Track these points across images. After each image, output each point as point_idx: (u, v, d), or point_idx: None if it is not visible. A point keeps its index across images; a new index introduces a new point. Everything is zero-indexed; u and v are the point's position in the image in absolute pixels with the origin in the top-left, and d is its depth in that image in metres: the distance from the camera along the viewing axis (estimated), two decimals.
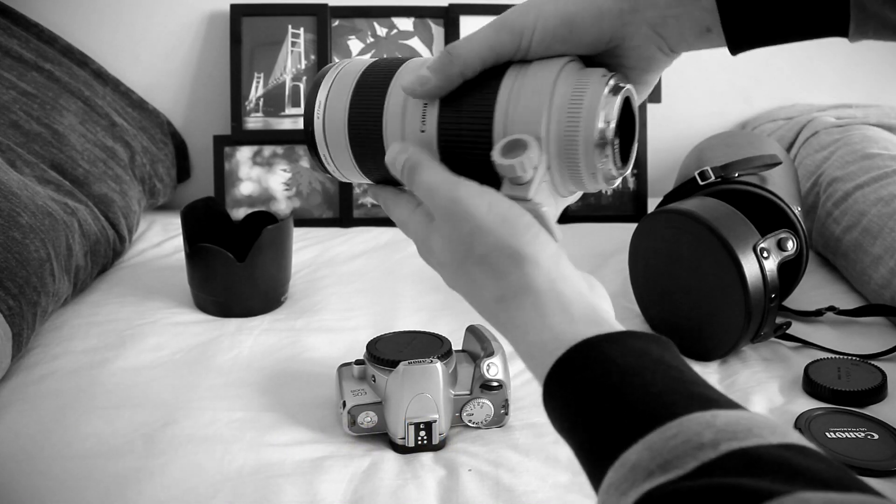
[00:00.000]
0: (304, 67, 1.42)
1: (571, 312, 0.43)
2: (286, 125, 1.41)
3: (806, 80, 1.54)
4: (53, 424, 0.76)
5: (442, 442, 0.74)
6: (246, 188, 1.41)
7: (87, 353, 0.91)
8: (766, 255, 0.85)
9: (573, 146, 0.46)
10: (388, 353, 0.75)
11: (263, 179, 1.41)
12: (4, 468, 0.70)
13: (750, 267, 0.84)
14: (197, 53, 1.46)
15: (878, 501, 0.29)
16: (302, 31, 1.42)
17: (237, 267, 0.99)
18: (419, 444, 0.73)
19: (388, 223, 1.33)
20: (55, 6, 1.40)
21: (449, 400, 0.74)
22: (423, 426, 0.72)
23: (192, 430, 0.76)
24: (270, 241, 1.01)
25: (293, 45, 1.42)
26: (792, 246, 0.86)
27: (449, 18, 1.43)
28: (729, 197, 0.94)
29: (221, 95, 1.46)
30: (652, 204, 1.40)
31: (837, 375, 0.84)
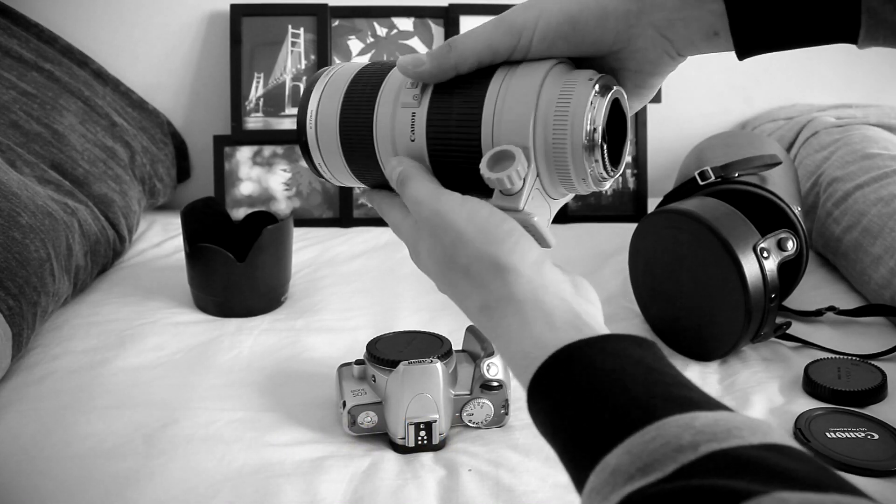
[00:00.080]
0: (304, 67, 1.42)
1: (553, 320, 0.43)
2: (286, 125, 1.41)
3: (806, 80, 1.54)
4: (53, 424, 0.76)
5: (442, 442, 0.74)
6: (246, 188, 1.41)
7: (87, 353, 0.91)
8: (766, 255, 0.85)
9: (562, 151, 0.45)
10: (388, 353, 0.75)
11: (263, 179, 1.41)
12: (4, 468, 0.70)
13: (750, 267, 0.84)
14: (197, 53, 1.46)
15: (855, 501, 0.29)
16: (302, 31, 1.42)
17: (237, 267, 0.99)
18: (419, 444, 0.73)
19: (387, 224, 1.33)
20: (55, 6, 1.40)
21: (449, 400, 0.74)
22: (423, 426, 0.72)
23: (192, 430, 0.76)
24: (270, 241, 1.01)
25: (293, 45, 1.42)
26: (792, 246, 0.86)
27: (449, 18, 1.43)
28: (729, 197, 0.94)
29: (221, 95, 1.46)
30: (652, 204, 1.40)
31: (837, 375, 0.84)
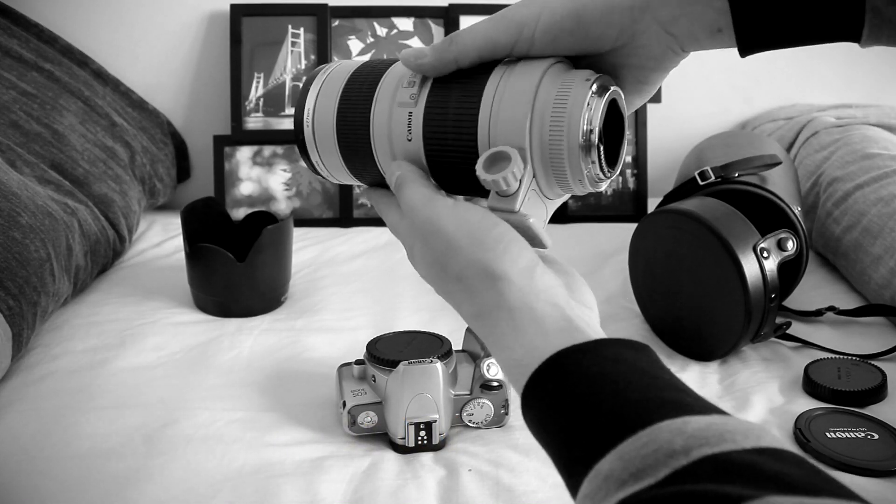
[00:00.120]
0: (304, 67, 1.42)
1: (544, 326, 0.42)
2: (286, 125, 1.41)
3: (806, 80, 1.54)
4: (53, 424, 0.76)
5: (442, 442, 0.74)
6: (246, 188, 1.41)
7: (87, 353, 0.91)
8: (766, 255, 0.84)
9: (558, 152, 0.45)
10: (388, 353, 0.75)
11: (263, 179, 1.41)
12: (4, 468, 0.70)
13: (750, 267, 0.84)
14: (197, 53, 1.46)
15: None
16: (302, 31, 1.42)
17: (237, 267, 0.99)
18: (419, 444, 0.73)
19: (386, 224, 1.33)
20: (55, 6, 1.40)
21: (449, 400, 0.74)
22: (423, 426, 0.72)
23: (192, 430, 0.76)
24: (270, 241, 1.01)
25: (293, 45, 1.42)
26: (792, 246, 0.86)
27: (449, 18, 1.43)
28: (729, 197, 0.94)
29: (221, 95, 1.46)
30: (652, 204, 1.40)
31: (837, 375, 0.84)
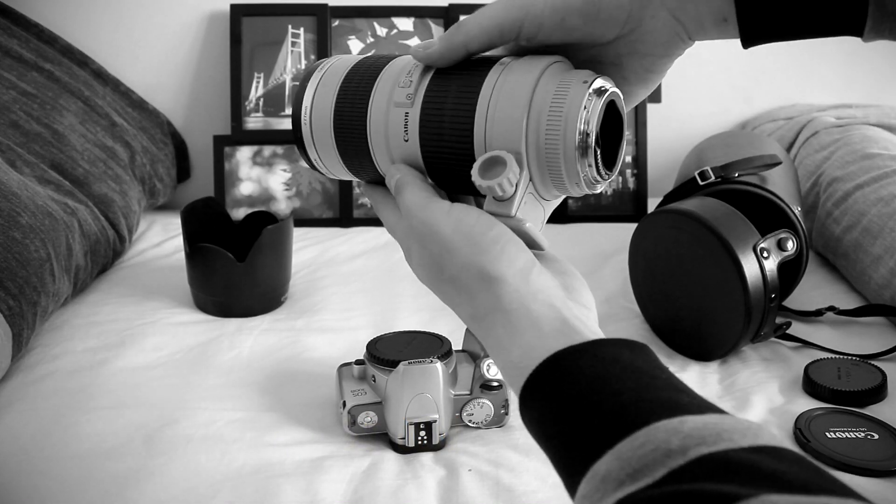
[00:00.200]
0: (304, 67, 1.42)
1: (541, 328, 0.42)
2: (286, 125, 1.41)
3: (806, 80, 1.54)
4: (53, 424, 0.76)
5: (442, 442, 0.74)
6: (246, 188, 1.41)
7: (87, 353, 0.91)
8: (766, 255, 0.84)
9: (554, 156, 0.45)
10: (388, 353, 0.75)
11: (263, 179, 1.41)
12: (4, 468, 0.70)
13: (750, 267, 0.84)
14: (197, 53, 1.46)
15: (845, 503, 0.29)
16: (302, 31, 1.42)
17: (237, 267, 0.99)
18: (419, 444, 0.73)
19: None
20: (55, 6, 1.40)
21: (449, 400, 0.74)
22: (423, 426, 0.72)
23: (192, 430, 0.76)
24: (270, 241, 1.01)
25: (293, 45, 1.42)
26: (792, 246, 0.86)
27: (449, 18, 1.43)
28: (729, 197, 0.94)
29: (221, 95, 1.46)
30: (652, 204, 1.40)
31: (837, 375, 0.84)
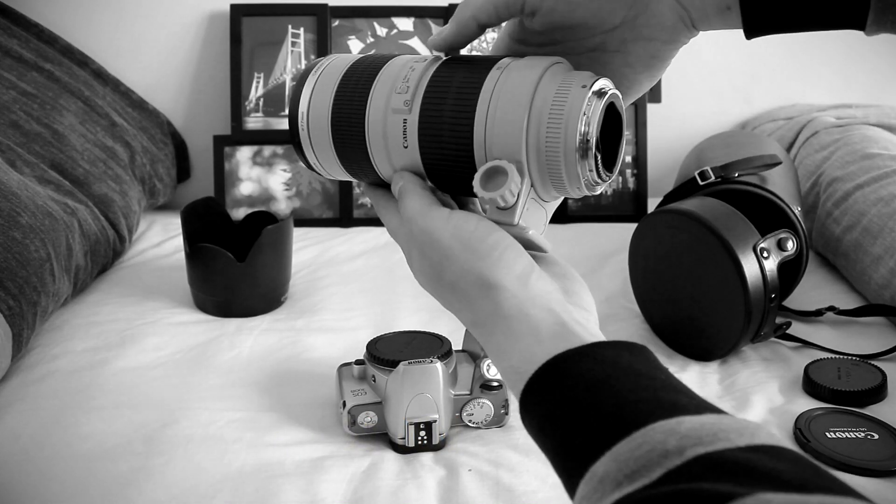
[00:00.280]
0: (304, 67, 1.42)
1: (539, 333, 0.43)
2: (286, 125, 1.41)
3: (806, 80, 1.54)
4: (53, 424, 0.76)
5: (442, 442, 0.74)
6: (246, 188, 1.41)
7: (87, 353, 0.91)
8: (766, 255, 0.85)
9: (555, 160, 0.45)
10: (388, 353, 0.75)
11: (263, 179, 1.41)
12: (4, 468, 0.70)
13: (750, 267, 0.84)
14: (197, 53, 1.46)
15: (842, 501, 0.29)
16: (302, 31, 1.42)
17: (237, 267, 0.99)
18: (419, 444, 0.73)
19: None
20: (55, 6, 1.40)
21: (449, 400, 0.74)
22: (423, 426, 0.72)
23: (192, 430, 0.76)
24: (270, 241, 1.01)
25: (293, 45, 1.42)
26: (792, 246, 0.86)
27: (449, 18, 1.42)
28: (729, 197, 0.94)
29: (221, 95, 1.46)
30: (652, 204, 1.40)
31: (837, 375, 0.84)
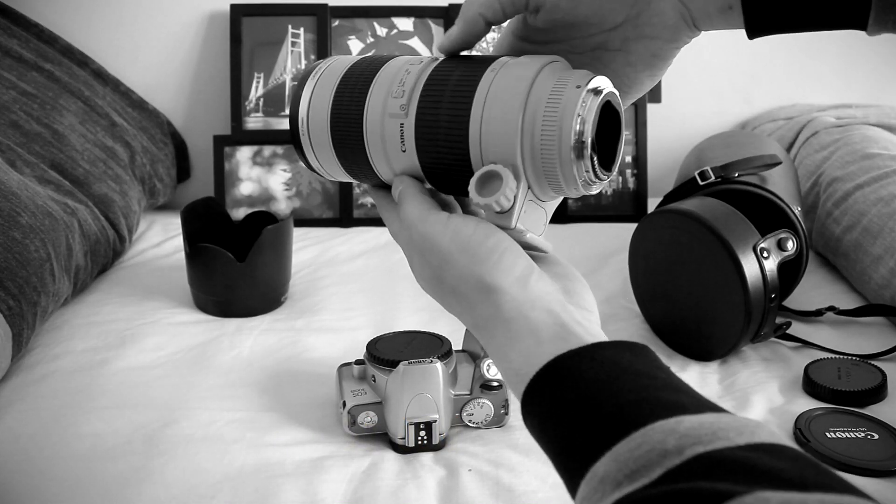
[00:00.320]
0: (304, 67, 1.42)
1: (540, 334, 0.43)
2: (286, 125, 1.41)
3: (806, 80, 1.54)
4: (53, 424, 0.76)
5: (442, 442, 0.74)
6: (246, 188, 1.41)
7: (87, 353, 0.91)
8: (766, 255, 0.85)
9: (550, 162, 0.44)
10: (388, 353, 0.75)
11: (263, 179, 1.41)
12: (4, 468, 0.70)
13: (750, 267, 0.84)
14: (197, 53, 1.46)
15: (841, 499, 0.29)
16: (302, 31, 1.42)
17: (237, 267, 0.99)
18: (419, 444, 0.73)
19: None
20: (55, 6, 1.40)
21: (449, 400, 0.74)
22: (423, 426, 0.72)
23: (192, 430, 0.76)
24: (270, 241, 1.01)
25: (293, 45, 1.42)
26: (792, 246, 0.86)
27: (449, 18, 1.43)
28: (729, 197, 0.94)
29: (221, 95, 1.46)
30: (652, 204, 1.40)
31: (837, 375, 0.84)
